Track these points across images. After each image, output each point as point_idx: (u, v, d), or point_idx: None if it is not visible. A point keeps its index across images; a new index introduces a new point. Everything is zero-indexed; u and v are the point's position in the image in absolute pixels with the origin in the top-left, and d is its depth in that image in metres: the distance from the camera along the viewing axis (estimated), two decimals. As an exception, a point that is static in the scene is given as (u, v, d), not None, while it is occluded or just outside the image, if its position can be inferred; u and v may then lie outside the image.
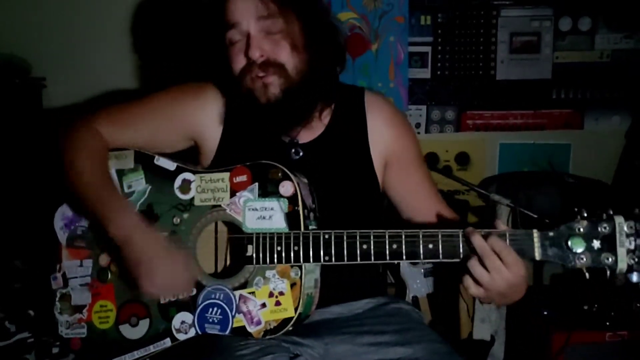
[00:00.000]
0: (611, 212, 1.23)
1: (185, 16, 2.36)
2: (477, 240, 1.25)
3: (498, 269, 1.23)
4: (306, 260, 1.34)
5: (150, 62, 2.58)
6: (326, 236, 1.34)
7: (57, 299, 1.50)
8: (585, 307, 2.31)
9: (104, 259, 1.49)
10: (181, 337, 1.41)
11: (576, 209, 1.25)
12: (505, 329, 2.32)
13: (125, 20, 2.56)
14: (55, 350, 1.83)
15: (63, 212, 1.53)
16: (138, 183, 1.49)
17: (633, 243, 1.20)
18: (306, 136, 1.56)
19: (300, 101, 1.46)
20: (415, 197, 1.61)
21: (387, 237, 1.32)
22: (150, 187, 1.48)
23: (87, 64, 2.57)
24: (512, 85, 2.75)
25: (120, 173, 1.50)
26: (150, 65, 2.58)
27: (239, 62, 1.45)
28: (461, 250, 1.29)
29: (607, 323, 2.26)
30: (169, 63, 2.50)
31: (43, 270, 1.52)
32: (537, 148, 2.78)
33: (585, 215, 1.24)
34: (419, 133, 2.75)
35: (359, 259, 1.33)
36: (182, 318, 1.41)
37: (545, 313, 2.35)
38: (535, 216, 2.14)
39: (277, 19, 1.41)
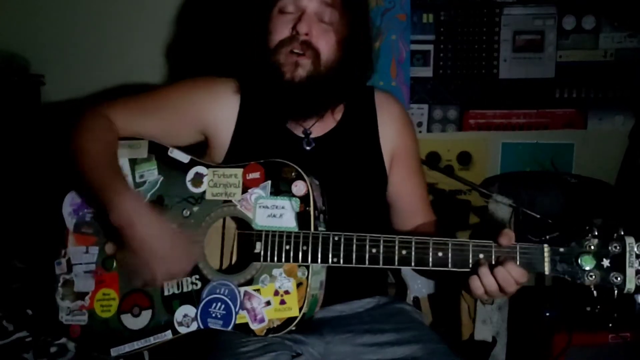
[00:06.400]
0: (622, 233, 1.25)
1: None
2: (486, 278, 1.28)
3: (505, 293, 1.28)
4: (314, 260, 1.34)
5: (151, 59, 2.56)
6: (336, 238, 1.34)
7: (59, 284, 1.48)
8: (588, 309, 2.30)
9: (110, 248, 1.48)
10: (183, 330, 1.40)
11: (587, 227, 1.28)
12: (506, 330, 2.31)
13: (124, 18, 2.55)
14: (53, 349, 1.83)
15: (72, 198, 1.52)
16: (150, 173, 1.48)
17: (643, 264, 1.23)
18: (318, 130, 1.59)
19: (320, 93, 1.48)
20: (411, 200, 1.64)
21: (397, 242, 1.33)
22: (162, 178, 1.48)
23: (85, 62, 2.56)
24: (515, 84, 2.73)
25: (133, 162, 1.49)
26: (150, 63, 2.56)
27: (282, 32, 1.48)
28: (470, 261, 1.30)
29: (610, 324, 2.26)
30: (170, 60, 2.52)
31: (47, 255, 1.50)
32: (540, 148, 2.76)
33: (597, 233, 1.26)
34: (420, 132, 2.73)
35: (367, 262, 1.34)
36: (185, 311, 1.40)
37: (547, 314, 2.35)
38: (538, 216, 2.13)
39: (335, 12, 1.47)
